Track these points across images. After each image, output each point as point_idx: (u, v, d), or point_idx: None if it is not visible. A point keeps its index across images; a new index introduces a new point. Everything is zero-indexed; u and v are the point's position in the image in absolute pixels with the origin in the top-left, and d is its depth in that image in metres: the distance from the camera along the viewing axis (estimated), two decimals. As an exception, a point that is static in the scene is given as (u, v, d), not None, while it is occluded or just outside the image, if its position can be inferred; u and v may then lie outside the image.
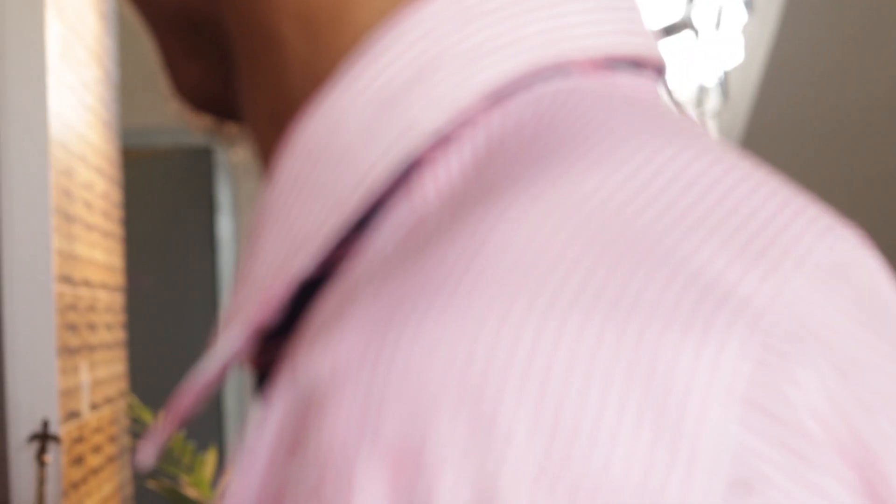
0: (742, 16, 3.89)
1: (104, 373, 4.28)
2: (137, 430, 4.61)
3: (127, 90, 4.78)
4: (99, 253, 4.21)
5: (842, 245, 0.30)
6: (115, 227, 4.57)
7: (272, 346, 0.38)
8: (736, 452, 0.26)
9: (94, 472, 4.08)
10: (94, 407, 4.03)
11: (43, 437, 3.37)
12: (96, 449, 4.07)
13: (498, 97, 0.34)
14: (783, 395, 0.27)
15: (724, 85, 4.18)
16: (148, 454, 0.38)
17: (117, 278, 4.59)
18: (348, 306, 0.29)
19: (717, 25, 4.30)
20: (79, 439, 3.78)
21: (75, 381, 3.75)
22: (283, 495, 0.28)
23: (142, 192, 6.14)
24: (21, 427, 3.38)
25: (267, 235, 0.36)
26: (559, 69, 0.35)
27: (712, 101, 5.38)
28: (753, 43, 3.65)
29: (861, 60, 3.42)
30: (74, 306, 3.74)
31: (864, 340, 0.29)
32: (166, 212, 6.14)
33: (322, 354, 0.28)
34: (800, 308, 0.28)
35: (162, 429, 0.37)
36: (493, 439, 0.26)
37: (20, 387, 3.38)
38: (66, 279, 3.62)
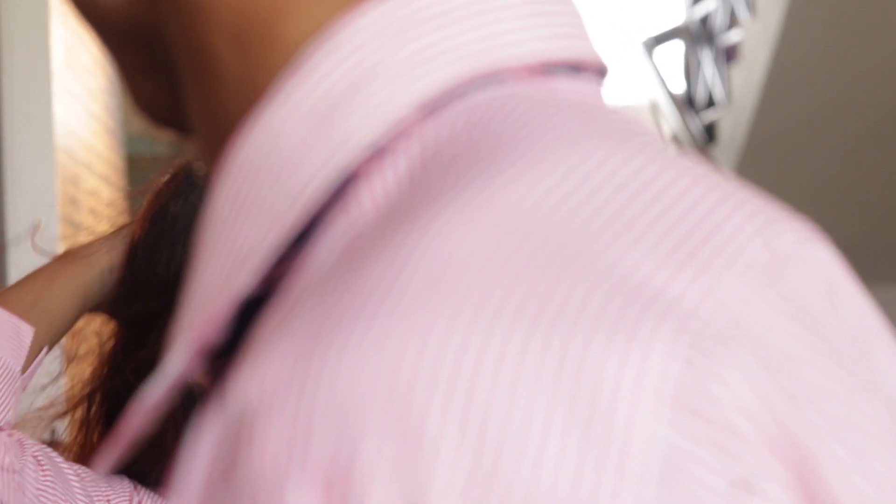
0: (745, 19, 3.90)
1: (111, 380, 4.28)
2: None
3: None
4: (105, 260, 4.22)
5: (780, 240, 0.30)
6: (120, 235, 4.57)
7: (222, 367, 0.37)
8: (666, 455, 0.26)
9: (102, 478, 4.08)
10: (100, 414, 4.04)
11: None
12: (103, 456, 4.07)
13: (432, 107, 0.34)
14: (711, 394, 0.27)
15: (727, 88, 4.18)
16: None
17: (123, 285, 4.59)
18: (280, 327, 0.29)
19: (719, 29, 4.31)
20: (86, 446, 3.78)
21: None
22: None
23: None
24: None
25: (209, 253, 0.36)
26: (493, 77, 0.35)
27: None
28: (756, 46, 3.66)
29: (863, 63, 3.42)
30: (81, 313, 3.75)
31: (796, 335, 0.29)
32: (171, 219, 6.14)
33: (250, 378, 0.28)
34: (731, 306, 0.28)
35: (111, 451, 0.37)
36: (421, 453, 0.25)
37: (28, 394, 3.39)
38: (73, 286, 3.62)
